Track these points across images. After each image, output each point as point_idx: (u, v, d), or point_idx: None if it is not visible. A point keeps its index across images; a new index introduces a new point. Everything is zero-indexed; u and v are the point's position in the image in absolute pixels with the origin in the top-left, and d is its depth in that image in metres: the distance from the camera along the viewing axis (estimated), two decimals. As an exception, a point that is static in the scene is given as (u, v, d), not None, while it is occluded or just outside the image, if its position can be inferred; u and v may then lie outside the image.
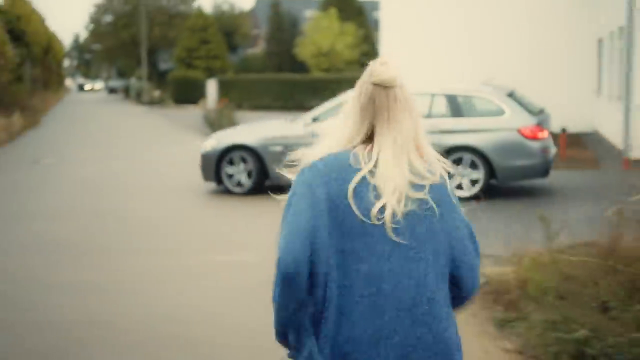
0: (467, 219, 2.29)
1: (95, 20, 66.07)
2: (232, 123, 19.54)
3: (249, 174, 11.06)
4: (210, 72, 50.26)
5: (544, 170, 10.71)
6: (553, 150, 11.05)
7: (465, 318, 5.67)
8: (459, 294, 2.30)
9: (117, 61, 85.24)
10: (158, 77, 64.29)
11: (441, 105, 10.82)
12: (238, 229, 9.19)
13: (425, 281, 2.17)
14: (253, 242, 8.18)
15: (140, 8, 55.09)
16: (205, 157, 11.29)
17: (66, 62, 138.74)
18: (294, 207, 2.17)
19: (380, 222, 2.13)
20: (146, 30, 54.54)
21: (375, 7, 69.11)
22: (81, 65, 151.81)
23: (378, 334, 2.13)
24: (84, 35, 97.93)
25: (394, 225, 2.14)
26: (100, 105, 50.91)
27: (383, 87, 2.20)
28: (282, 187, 2.36)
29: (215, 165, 11.13)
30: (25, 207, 10.64)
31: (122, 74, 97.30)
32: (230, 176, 11.12)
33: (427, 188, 2.19)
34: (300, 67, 53.71)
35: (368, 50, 51.40)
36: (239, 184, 11.11)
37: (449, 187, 2.26)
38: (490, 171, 10.46)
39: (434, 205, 2.18)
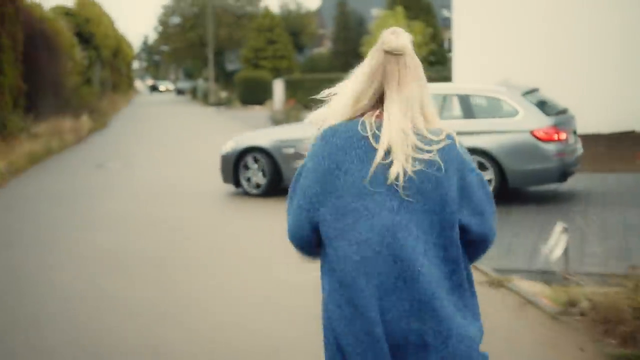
0: (477, 169, 2.42)
1: (163, 22, 66.61)
2: (299, 124, 18.96)
3: (264, 175, 11.08)
4: (277, 73, 50.00)
5: (559, 174, 9.88)
6: (575, 153, 10.24)
7: (573, 352, 4.89)
8: (469, 238, 2.43)
9: (184, 62, 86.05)
10: (225, 78, 64.44)
11: (453, 106, 10.32)
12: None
13: (433, 230, 2.33)
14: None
15: (208, 9, 55.12)
16: (224, 159, 11.40)
17: (135, 64, 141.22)
18: (302, 180, 2.41)
19: (389, 180, 2.29)
20: (213, 31, 54.49)
21: (443, 4, 67.97)
22: (150, 67, 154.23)
23: (392, 282, 2.30)
24: (152, 37, 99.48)
25: (402, 184, 2.28)
26: (167, 106, 51.13)
27: (393, 54, 2.30)
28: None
29: (233, 168, 11.21)
30: (86, 214, 10.21)
31: (189, 75, 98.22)
32: (248, 178, 11.17)
33: (434, 150, 2.30)
34: (366, 67, 53.07)
35: (436, 49, 50.41)
36: (258, 185, 11.12)
37: (458, 145, 2.37)
38: (502, 175, 9.81)
39: (442, 164, 2.30)
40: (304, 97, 38.63)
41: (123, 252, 7.92)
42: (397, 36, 2.31)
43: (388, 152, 2.27)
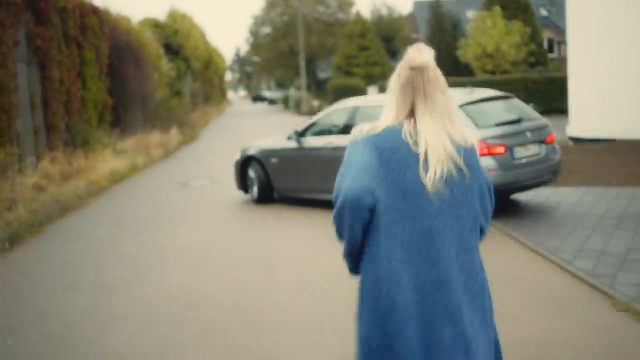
0: (485, 174, 2.75)
1: (254, 32, 66.17)
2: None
3: (257, 184, 11.54)
4: (370, 79, 48.54)
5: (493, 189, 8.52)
6: (536, 165, 9.21)
7: None
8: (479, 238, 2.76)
9: (275, 72, 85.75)
10: (317, 86, 63.48)
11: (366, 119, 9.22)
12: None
13: (463, 234, 2.60)
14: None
15: (298, 17, 54.17)
16: (235, 167, 12.07)
17: (228, 76, 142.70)
18: (355, 164, 2.59)
19: (427, 186, 2.54)
20: (304, 39, 53.49)
21: (542, 3, 65.11)
22: (242, 78, 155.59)
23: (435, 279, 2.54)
24: (244, 48, 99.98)
25: (439, 188, 2.54)
26: (258, 116, 50.27)
27: (418, 69, 2.60)
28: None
29: (240, 175, 11.87)
30: (161, 245, 8.90)
31: (280, 85, 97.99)
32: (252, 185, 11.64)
33: (462, 154, 2.60)
34: (463, 69, 50.99)
35: (535, 49, 47.95)
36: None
37: (477, 151, 2.70)
38: None
39: (467, 169, 2.61)
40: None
41: (199, 296, 6.53)
42: (421, 53, 2.62)
43: (425, 158, 2.55)
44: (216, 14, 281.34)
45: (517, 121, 9.26)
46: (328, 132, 10.43)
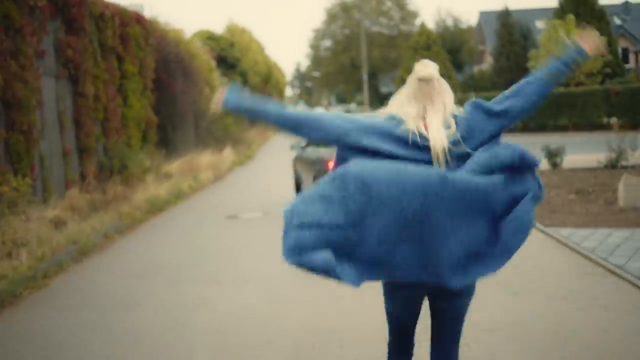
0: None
1: (314, 46, 64.27)
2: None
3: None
4: (435, 93, 46.09)
5: None
6: None
7: None
8: None
9: (336, 87, 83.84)
10: (379, 101, 61.16)
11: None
12: None
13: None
14: None
15: (361, 30, 52.02)
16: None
17: (289, 91, 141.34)
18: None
19: (435, 169, 3.02)
20: (366, 52, 51.23)
21: (616, 11, 61.58)
22: (303, 94, 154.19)
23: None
24: (305, 64, 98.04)
25: (445, 167, 3.03)
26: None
27: (424, 81, 3.14)
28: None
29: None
30: (192, 319, 6.67)
31: (341, 100, 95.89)
32: None
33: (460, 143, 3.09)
34: (534, 82, 48.16)
35: (611, 60, 44.81)
36: None
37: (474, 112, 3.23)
38: None
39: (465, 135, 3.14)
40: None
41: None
42: (426, 67, 3.18)
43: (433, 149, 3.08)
44: (276, 30, 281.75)
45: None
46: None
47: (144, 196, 13.27)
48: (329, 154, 10.63)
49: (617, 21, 61.61)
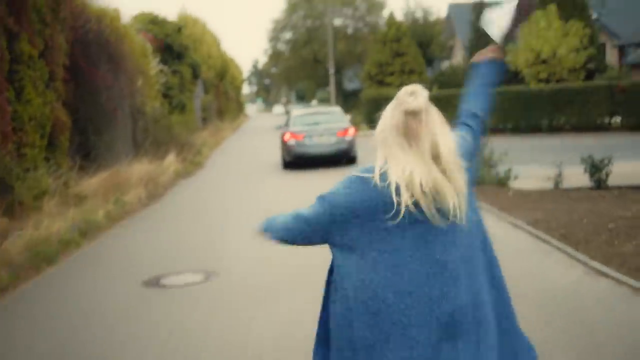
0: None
1: (274, 38, 59.49)
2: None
3: None
4: (406, 90, 41.94)
5: (295, 157, 19.30)
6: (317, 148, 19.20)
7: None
8: None
9: (296, 84, 79.22)
10: (343, 98, 56.78)
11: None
12: None
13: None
14: None
15: (327, 19, 47.52)
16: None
17: (246, 88, 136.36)
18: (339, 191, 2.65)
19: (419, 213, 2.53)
20: (333, 44, 46.71)
21: (593, 3, 58.01)
22: (261, 91, 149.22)
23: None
24: (263, 60, 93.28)
25: (433, 213, 2.52)
26: (277, 134, 43.59)
27: (412, 114, 2.55)
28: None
29: None
30: None
31: (301, 98, 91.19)
32: None
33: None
34: (512, 78, 44.27)
35: (594, 53, 41.08)
36: None
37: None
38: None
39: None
40: (445, 117, 30.22)
41: None
42: (415, 97, 2.57)
43: (412, 189, 2.53)
44: (233, 26, 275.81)
45: (317, 124, 19.64)
46: None
47: (25, 238, 8.62)
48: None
49: (593, 15, 58.23)
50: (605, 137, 26.41)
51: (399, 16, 52.32)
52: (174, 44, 24.54)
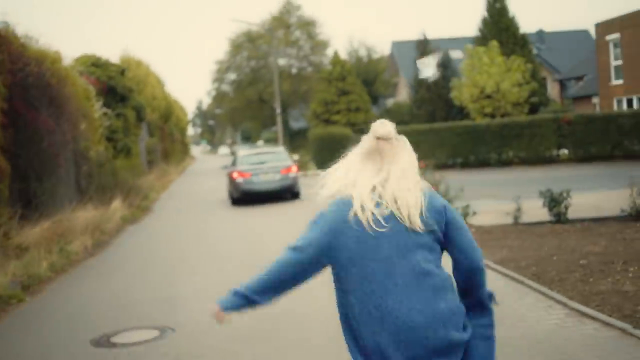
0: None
1: (218, 79, 59.02)
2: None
3: None
4: (352, 128, 41.78)
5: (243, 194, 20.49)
6: (247, 184, 20.40)
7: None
8: None
9: (241, 124, 78.67)
10: (290, 137, 56.49)
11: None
12: None
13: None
14: None
15: (273, 59, 47.28)
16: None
17: (191, 130, 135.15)
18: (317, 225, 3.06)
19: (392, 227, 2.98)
20: (279, 83, 46.46)
21: (532, 39, 59.06)
22: (205, 132, 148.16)
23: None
24: (207, 101, 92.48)
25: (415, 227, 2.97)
26: (224, 174, 43.01)
27: (384, 139, 3.12)
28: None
29: None
30: None
31: (247, 138, 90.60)
32: None
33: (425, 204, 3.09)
34: (457, 113, 44.54)
35: (537, 88, 41.71)
36: None
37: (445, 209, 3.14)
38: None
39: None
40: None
41: None
42: (384, 126, 3.14)
43: (390, 205, 3.01)
44: (177, 67, 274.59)
45: (263, 162, 20.83)
46: None
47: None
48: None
49: (534, 50, 59.27)
50: (554, 170, 26.54)
51: (343, 55, 52.27)
52: (117, 87, 23.91)
